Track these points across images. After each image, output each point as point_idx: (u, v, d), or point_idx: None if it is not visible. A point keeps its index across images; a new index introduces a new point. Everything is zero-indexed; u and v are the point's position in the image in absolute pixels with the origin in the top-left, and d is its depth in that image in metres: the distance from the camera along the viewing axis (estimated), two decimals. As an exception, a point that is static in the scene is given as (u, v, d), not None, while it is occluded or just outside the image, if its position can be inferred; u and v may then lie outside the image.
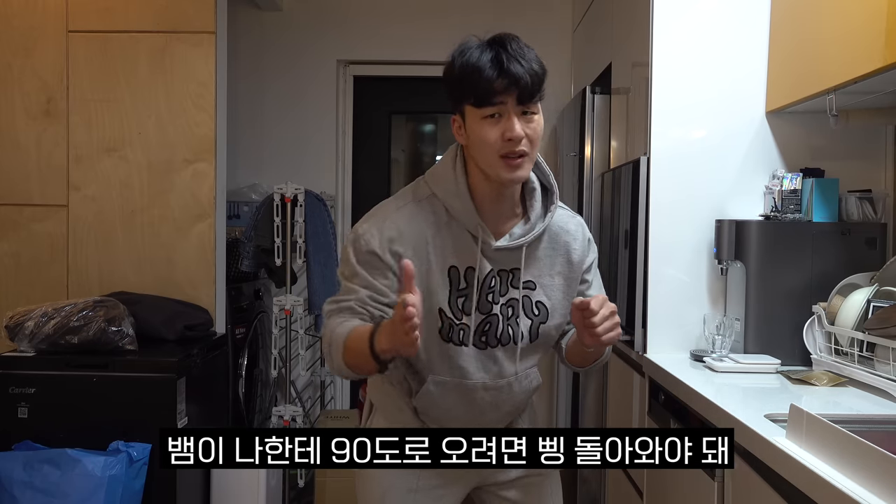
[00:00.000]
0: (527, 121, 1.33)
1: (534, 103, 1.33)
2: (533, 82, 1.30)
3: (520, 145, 1.32)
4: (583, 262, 1.50)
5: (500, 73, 1.29)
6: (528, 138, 1.33)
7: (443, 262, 1.40)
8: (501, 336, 1.43)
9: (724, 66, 2.11)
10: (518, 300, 1.43)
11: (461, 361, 1.43)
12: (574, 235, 1.49)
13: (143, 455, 2.29)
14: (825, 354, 1.85)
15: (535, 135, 1.35)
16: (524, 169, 1.35)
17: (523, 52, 1.32)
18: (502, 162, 1.33)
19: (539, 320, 1.45)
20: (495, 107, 1.31)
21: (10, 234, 2.80)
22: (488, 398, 1.47)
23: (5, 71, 2.79)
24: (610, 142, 2.74)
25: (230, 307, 3.01)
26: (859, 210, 2.00)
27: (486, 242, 1.40)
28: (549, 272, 1.46)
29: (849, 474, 1.08)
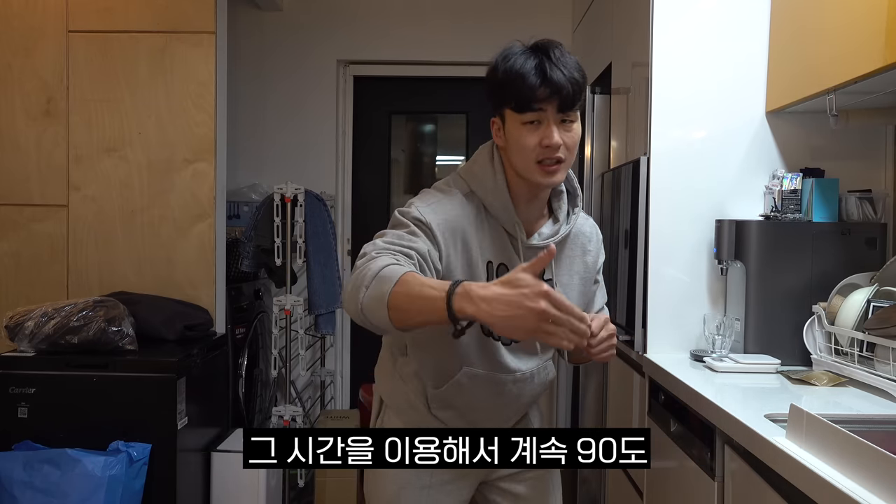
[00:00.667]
0: (565, 129, 1.37)
1: (573, 111, 1.36)
2: (574, 91, 1.33)
3: (557, 152, 1.36)
4: (596, 263, 1.57)
5: (543, 80, 1.32)
6: (565, 146, 1.37)
7: (481, 256, 1.42)
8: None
9: (724, 66, 2.11)
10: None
11: (499, 357, 1.46)
12: (589, 237, 1.56)
13: (143, 455, 2.29)
14: (825, 354, 1.85)
15: (573, 142, 1.38)
16: (560, 174, 1.40)
17: (566, 60, 1.35)
18: (538, 167, 1.38)
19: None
20: (535, 113, 1.35)
21: (10, 234, 2.80)
22: (515, 390, 1.51)
23: (5, 71, 2.79)
24: (610, 142, 2.74)
25: (230, 307, 3.01)
26: (859, 210, 2.00)
27: (520, 240, 1.43)
28: (568, 272, 1.51)
29: (849, 474, 1.08)
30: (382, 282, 1.16)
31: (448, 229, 1.39)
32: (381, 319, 1.17)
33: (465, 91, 3.98)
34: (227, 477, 2.70)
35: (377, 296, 1.16)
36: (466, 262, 1.40)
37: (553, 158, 1.36)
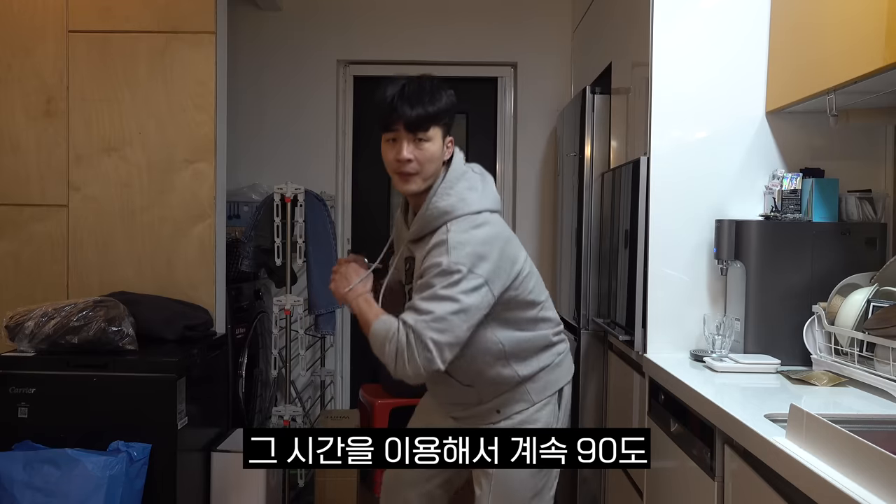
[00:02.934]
0: (417, 146, 1.64)
1: (425, 133, 1.63)
2: (421, 121, 1.61)
3: (406, 166, 1.64)
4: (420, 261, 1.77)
5: (393, 110, 1.62)
6: (417, 160, 1.64)
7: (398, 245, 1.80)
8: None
9: (724, 66, 2.11)
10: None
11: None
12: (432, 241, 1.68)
13: (143, 455, 2.29)
14: (825, 354, 1.85)
15: (425, 157, 1.65)
16: (412, 185, 1.67)
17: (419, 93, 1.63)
18: (397, 177, 1.68)
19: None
20: (392, 132, 1.65)
21: (10, 234, 2.80)
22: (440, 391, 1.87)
23: (5, 71, 2.79)
24: (610, 142, 2.74)
25: (230, 307, 3.01)
26: (859, 210, 2.00)
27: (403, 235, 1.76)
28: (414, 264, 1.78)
29: (849, 474, 1.08)
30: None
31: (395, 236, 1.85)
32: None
33: (465, 91, 3.97)
34: (227, 477, 2.70)
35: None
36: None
37: (404, 171, 1.65)
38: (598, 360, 2.76)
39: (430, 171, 1.67)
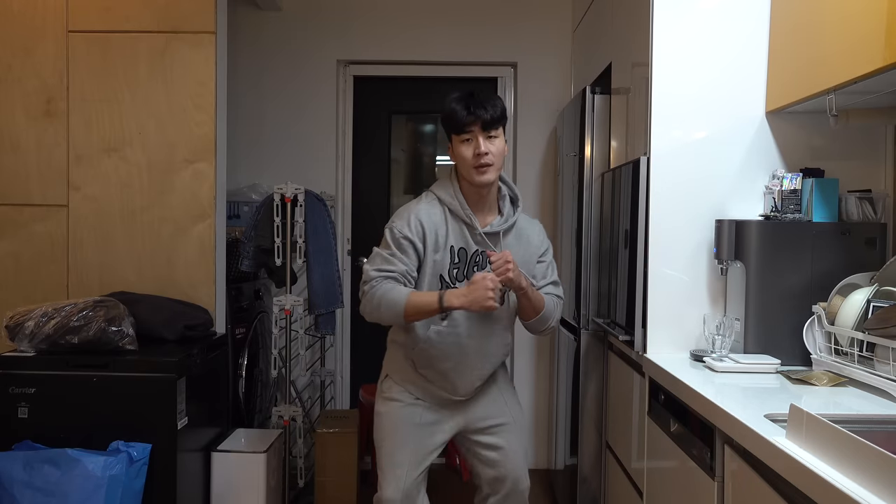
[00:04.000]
0: (490, 142, 2.01)
1: (495, 129, 2.01)
2: (490, 121, 1.99)
3: (485, 158, 1.99)
4: (537, 248, 2.17)
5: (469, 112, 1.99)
6: (491, 153, 2.01)
7: (446, 243, 2.06)
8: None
9: (724, 66, 2.12)
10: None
11: (455, 314, 2.05)
12: (531, 231, 2.18)
13: (143, 455, 2.29)
14: (825, 354, 1.85)
15: (497, 150, 2.02)
16: (489, 174, 2.02)
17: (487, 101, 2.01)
18: (475, 170, 2.01)
19: (508, 289, 2.06)
20: (468, 133, 2.02)
21: (10, 234, 2.80)
22: (473, 346, 2.09)
23: (5, 71, 2.79)
24: (610, 142, 2.74)
25: (230, 307, 3.01)
26: (859, 210, 2.00)
27: (474, 228, 2.06)
28: (517, 255, 2.06)
29: (849, 474, 1.08)
30: (394, 304, 1.96)
31: (421, 228, 2.04)
32: (395, 322, 2.05)
33: (465, 91, 3.98)
34: (227, 477, 2.70)
35: (394, 313, 1.97)
36: (434, 247, 2.04)
37: (483, 162, 1.99)
38: (598, 360, 2.76)
39: (500, 164, 2.04)
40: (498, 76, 3.94)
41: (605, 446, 2.69)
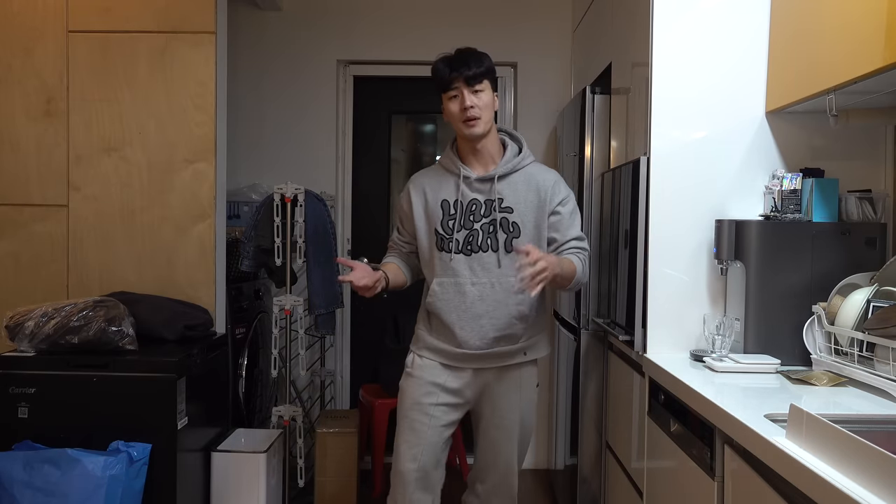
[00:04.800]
0: (476, 96, 2.07)
1: (480, 85, 2.07)
2: (472, 76, 2.06)
3: (472, 112, 2.06)
4: (550, 196, 2.13)
5: (452, 71, 2.07)
6: (478, 107, 2.07)
7: (436, 197, 2.16)
8: (482, 244, 2.12)
9: (724, 66, 2.12)
10: (497, 220, 2.12)
11: (453, 264, 2.12)
12: (544, 177, 2.16)
13: (143, 455, 2.29)
14: (825, 354, 1.85)
15: (483, 104, 2.08)
16: (477, 127, 2.08)
17: (468, 57, 2.08)
18: (464, 124, 2.09)
19: (513, 235, 2.11)
20: (452, 90, 2.08)
21: (10, 234, 2.80)
22: (476, 292, 2.11)
23: (5, 71, 2.79)
24: (610, 142, 2.74)
25: (230, 307, 3.01)
26: (859, 210, 2.00)
27: (466, 178, 2.13)
28: (525, 201, 2.12)
29: (849, 474, 1.08)
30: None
31: (408, 196, 2.21)
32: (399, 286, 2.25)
33: (465, 91, 3.98)
34: (227, 477, 2.70)
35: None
36: (424, 207, 2.17)
37: (469, 116, 2.06)
38: (598, 360, 2.76)
39: (488, 117, 2.09)
40: (498, 76, 3.93)
41: (605, 446, 2.69)
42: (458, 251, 2.11)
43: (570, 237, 2.13)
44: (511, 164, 2.14)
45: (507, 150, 2.17)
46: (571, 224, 2.15)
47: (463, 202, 2.12)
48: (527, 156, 2.18)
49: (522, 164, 2.16)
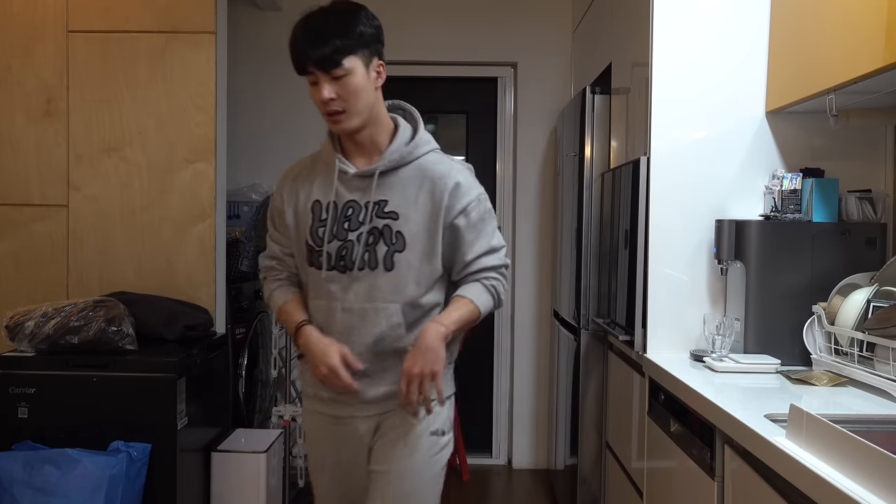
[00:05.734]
0: (339, 84, 1.53)
1: (338, 69, 1.52)
2: (328, 58, 1.51)
3: (332, 105, 1.55)
4: (448, 201, 1.61)
5: (300, 53, 1.54)
6: (341, 98, 1.54)
7: (307, 199, 1.66)
8: (357, 260, 1.60)
9: (724, 66, 2.11)
10: (379, 229, 1.60)
11: (327, 284, 1.63)
12: (442, 175, 1.62)
13: (143, 455, 2.29)
14: (825, 354, 1.85)
15: (348, 93, 1.54)
16: (344, 123, 1.58)
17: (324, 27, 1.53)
18: (328, 118, 1.59)
19: (395, 248, 1.59)
20: (310, 76, 1.56)
21: (10, 234, 2.80)
22: (345, 320, 1.62)
23: (5, 71, 2.79)
24: (610, 142, 2.74)
25: (230, 307, 3.01)
26: (859, 210, 2.00)
27: (343, 172, 1.62)
28: (414, 205, 1.60)
29: (849, 474, 1.08)
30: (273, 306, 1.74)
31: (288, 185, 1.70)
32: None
33: (465, 91, 3.98)
34: (227, 477, 2.70)
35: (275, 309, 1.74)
36: (294, 209, 1.67)
37: (332, 110, 1.56)
38: (598, 360, 2.76)
39: (361, 106, 1.57)
40: (498, 76, 3.94)
41: (605, 446, 2.69)
42: (331, 267, 1.61)
43: (476, 254, 1.63)
44: (398, 155, 1.61)
45: (397, 136, 1.63)
46: (479, 235, 1.63)
47: (338, 204, 1.62)
48: (423, 143, 1.64)
49: (415, 155, 1.62)
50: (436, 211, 1.60)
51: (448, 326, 1.56)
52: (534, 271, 3.86)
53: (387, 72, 1.61)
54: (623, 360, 2.43)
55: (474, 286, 1.62)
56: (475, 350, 3.93)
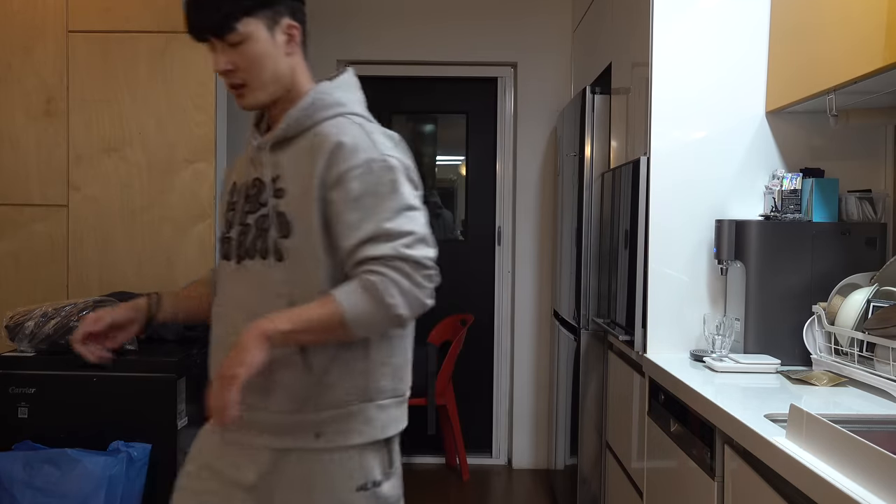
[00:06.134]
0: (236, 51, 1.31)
1: (232, 35, 1.29)
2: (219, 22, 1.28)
3: (231, 77, 1.34)
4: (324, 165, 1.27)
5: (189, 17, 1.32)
6: (240, 69, 1.32)
7: (229, 178, 1.47)
8: (249, 248, 1.34)
9: (724, 66, 2.12)
10: (271, 211, 1.32)
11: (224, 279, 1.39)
12: (326, 135, 1.29)
13: (143, 455, 2.29)
14: (825, 354, 1.85)
15: (247, 62, 1.31)
16: (248, 98, 1.36)
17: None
18: (233, 91, 1.37)
19: (280, 234, 1.30)
20: (207, 44, 1.33)
21: (10, 234, 2.80)
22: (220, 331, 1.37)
23: (5, 71, 2.79)
24: (610, 142, 2.74)
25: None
26: (859, 210, 2.00)
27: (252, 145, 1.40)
28: (299, 177, 1.30)
29: (849, 474, 1.08)
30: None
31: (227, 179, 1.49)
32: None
33: (465, 91, 3.98)
34: (227, 477, 2.70)
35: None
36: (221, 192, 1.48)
37: (231, 84, 1.35)
38: (598, 360, 2.76)
39: (266, 77, 1.34)
40: (498, 76, 3.94)
41: (605, 446, 2.69)
42: (235, 256, 1.36)
43: (358, 240, 1.23)
44: (294, 122, 1.34)
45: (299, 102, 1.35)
46: (365, 215, 1.24)
47: (247, 183, 1.38)
48: (325, 106, 1.34)
49: (315, 119, 1.33)
50: (309, 182, 1.28)
51: (279, 326, 1.20)
52: (534, 271, 3.86)
53: (388, 72, 1.53)
54: (623, 360, 2.43)
55: (349, 283, 1.23)
56: (475, 350, 3.93)
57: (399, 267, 1.21)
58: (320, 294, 1.25)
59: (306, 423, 1.30)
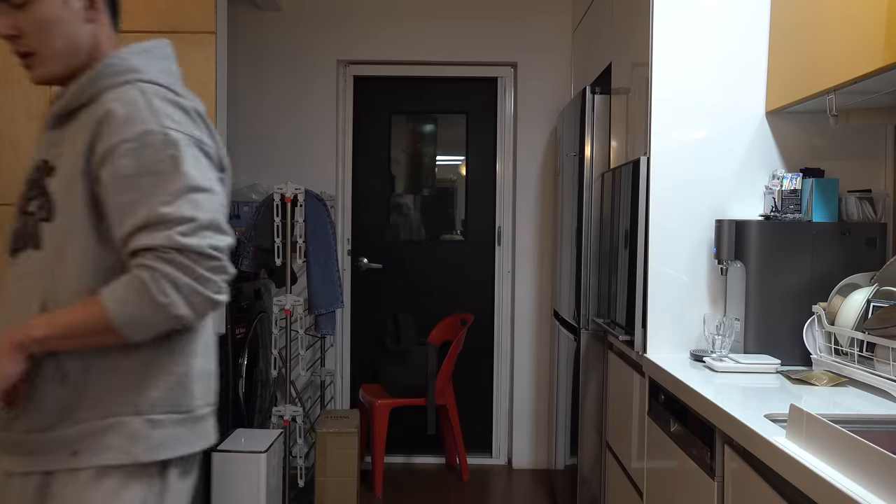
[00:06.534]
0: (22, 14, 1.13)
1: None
2: None
3: (17, 45, 1.16)
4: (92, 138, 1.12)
5: None
6: (26, 35, 1.14)
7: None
8: (20, 238, 1.19)
9: (724, 65, 2.12)
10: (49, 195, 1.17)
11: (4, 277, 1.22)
12: (101, 102, 1.14)
13: (143, 455, 2.29)
14: (825, 354, 1.85)
15: (35, 27, 1.13)
16: (37, 69, 1.18)
17: None
18: (21, 62, 1.18)
19: (40, 216, 1.15)
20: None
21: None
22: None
23: (6, 72, 2.79)
24: (610, 142, 2.74)
25: (230, 307, 3.01)
26: (859, 210, 2.00)
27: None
28: (69, 156, 1.16)
29: (849, 474, 1.08)
30: None
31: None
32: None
33: (465, 91, 3.98)
34: (227, 477, 2.70)
35: None
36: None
37: (17, 51, 1.17)
38: (598, 360, 2.76)
39: (58, 46, 1.16)
40: (498, 76, 3.94)
41: (605, 446, 2.69)
42: (10, 249, 1.22)
43: (132, 227, 1.09)
44: (76, 91, 1.17)
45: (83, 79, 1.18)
46: (140, 197, 1.09)
47: (33, 167, 1.26)
48: (114, 72, 1.16)
49: (98, 88, 1.16)
50: (76, 157, 1.13)
51: (33, 333, 1.08)
52: (534, 271, 3.86)
53: (388, 72, 1.46)
54: (623, 360, 2.43)
55: (119, 280, 1.09)
56: (475, 350, 3.93)
57: (174, 259, 1.08)
58: (89, 293, 1.09)
59: (64, 440, 1.12)
